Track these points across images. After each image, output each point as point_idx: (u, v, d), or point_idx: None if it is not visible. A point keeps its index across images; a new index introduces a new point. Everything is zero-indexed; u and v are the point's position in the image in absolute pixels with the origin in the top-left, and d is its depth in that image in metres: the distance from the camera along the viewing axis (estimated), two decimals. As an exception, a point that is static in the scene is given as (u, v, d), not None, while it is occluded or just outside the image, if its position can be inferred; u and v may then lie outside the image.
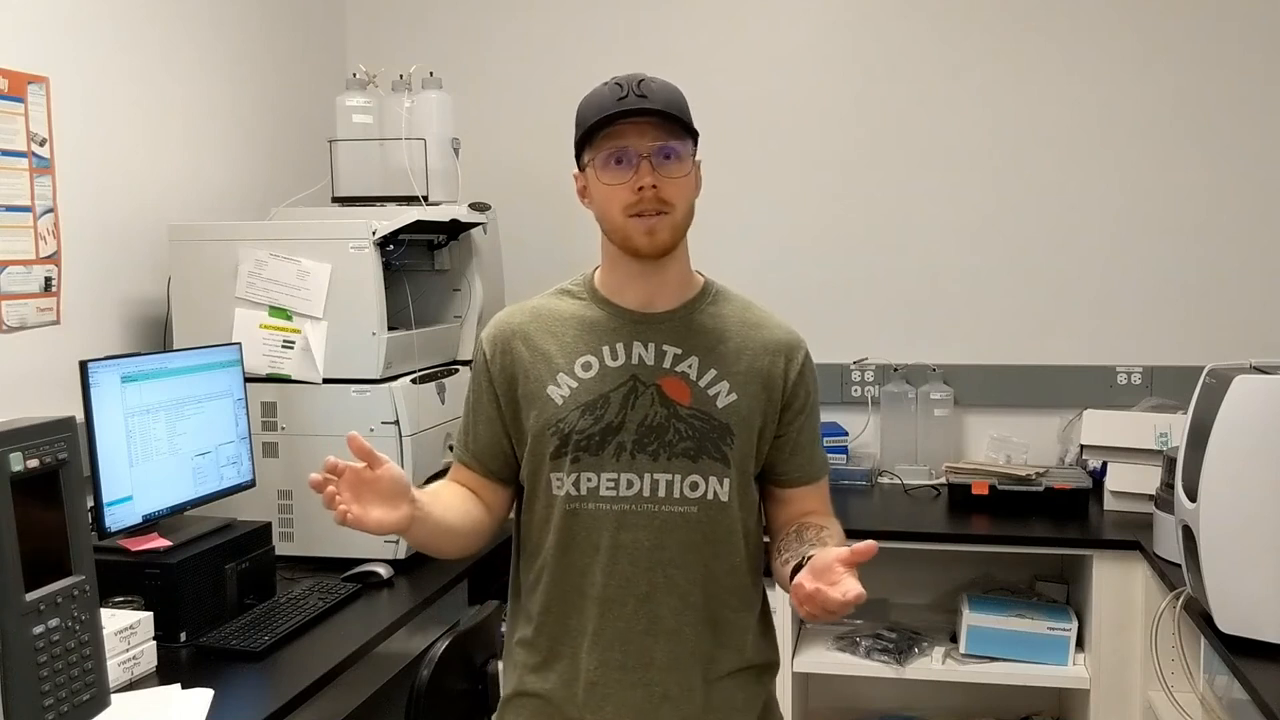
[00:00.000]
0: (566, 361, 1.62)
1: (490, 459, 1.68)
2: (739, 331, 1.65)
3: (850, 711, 3.32)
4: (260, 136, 3.12)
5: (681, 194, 1.56)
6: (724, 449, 1.59)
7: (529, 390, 1.62)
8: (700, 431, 1.58)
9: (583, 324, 1.64)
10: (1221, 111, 3.20)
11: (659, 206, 1.54)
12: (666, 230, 1.56)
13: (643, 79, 1.55)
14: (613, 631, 1.59)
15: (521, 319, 1.67)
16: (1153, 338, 3.26)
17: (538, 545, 1.64)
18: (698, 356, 1.61)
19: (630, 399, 1.59)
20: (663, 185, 1.53)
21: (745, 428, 1.61)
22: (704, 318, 1.65)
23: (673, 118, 1.54)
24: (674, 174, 1.54)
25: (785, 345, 1.66)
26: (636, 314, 1.63)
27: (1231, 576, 1.99)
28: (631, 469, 1.58)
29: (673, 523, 1.58)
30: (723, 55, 3.40)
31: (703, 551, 1.59)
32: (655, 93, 1.54)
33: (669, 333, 1.62)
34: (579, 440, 1.58)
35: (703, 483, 1.59)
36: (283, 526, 2.48)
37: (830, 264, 3.39)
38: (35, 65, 2.27)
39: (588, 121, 1.54)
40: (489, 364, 1.66)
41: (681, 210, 1.57)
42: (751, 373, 1.62)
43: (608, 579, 1.58)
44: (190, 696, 1.79)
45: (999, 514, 2.96)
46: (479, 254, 2.94)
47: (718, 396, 1.60)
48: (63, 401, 2.02)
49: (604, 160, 1.55)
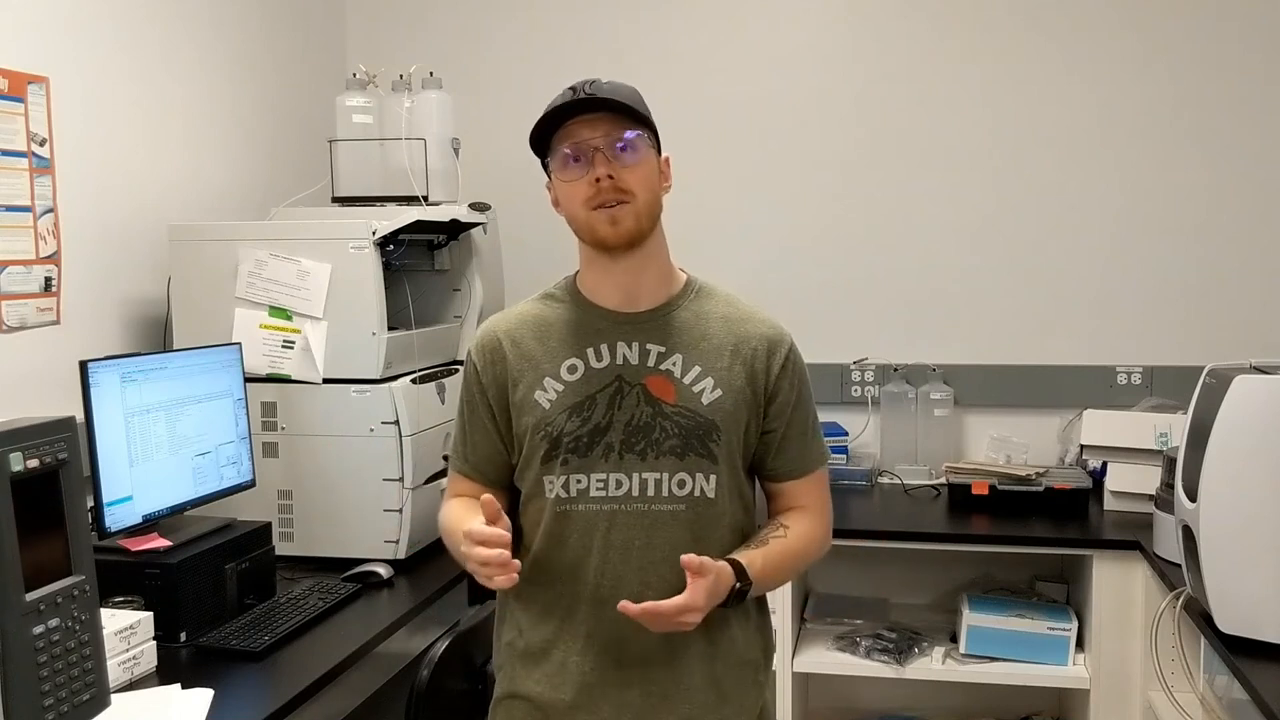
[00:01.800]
0: (553, 366, 1.63)
1: (490, 468, 1.69)
2: (722, 327, 1.65)
3: (850, 711, 3.32)
4: (260, 136, 3.12)
5: (640, 182, 1.57)
6: (710, 445, 1.60)
7: (520, 397, 1.63)
8: (686, 429, 1.59)
9: (567, 327, 1.65)
10: (1221, 111, 3.20)
11: (618, 196, 1.55)
12: (630, 218, 1.57)
13: (594, 80, 1.58)
14: (607, 632, 1.59)
15: (507, 326, 1.68)
16: (1153, 338, 3.26)
17: (529, 547, 1.65)
18: (681, 354, 1.62)
19: (616, 399, 1.60)
20: (620, 175, 1.55)
21: (731, 423, 1.61)
22: (687, 315, 1.65)
23: (623, 108, 1.55)
24: (629, 162, 1.55)
25: (768, 340, 1.66)
26: (619, 314, 1.64)
27: (1231, 576, 1.99)
28: (620, 469, 1.59)
29: (662, 521, 1.59)
30: (723, 55, 3.40)
31: (692, 549, 1.58)
32: (604, 88, 1.56)
33: (652, 331, 1.63)
34: (568, 443, 1.59)
35: (690, 480, 1.59)
36: (283, 526, 2.48)
37: (830, 264, 3.39)
38: (35, 65, 2.27)
39: (542, 126, 1.58)
40: (480, 375, 1.67)
41: (644, 198, 1.58)
42: (735, 369, 1.63)
43: (600, 579, 1.59)
44: (190, 696, 1.79)
45: (999, 514, 2.96)
46: (479, 254, 2.94)
47: (703, 394, 1.61)
48: (63, 401, 2.02)
49: (561, 160, 1.58)
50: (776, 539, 1.64)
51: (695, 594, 1.47)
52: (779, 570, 1.65)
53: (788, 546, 1.64)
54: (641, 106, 1.59)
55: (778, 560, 1.63)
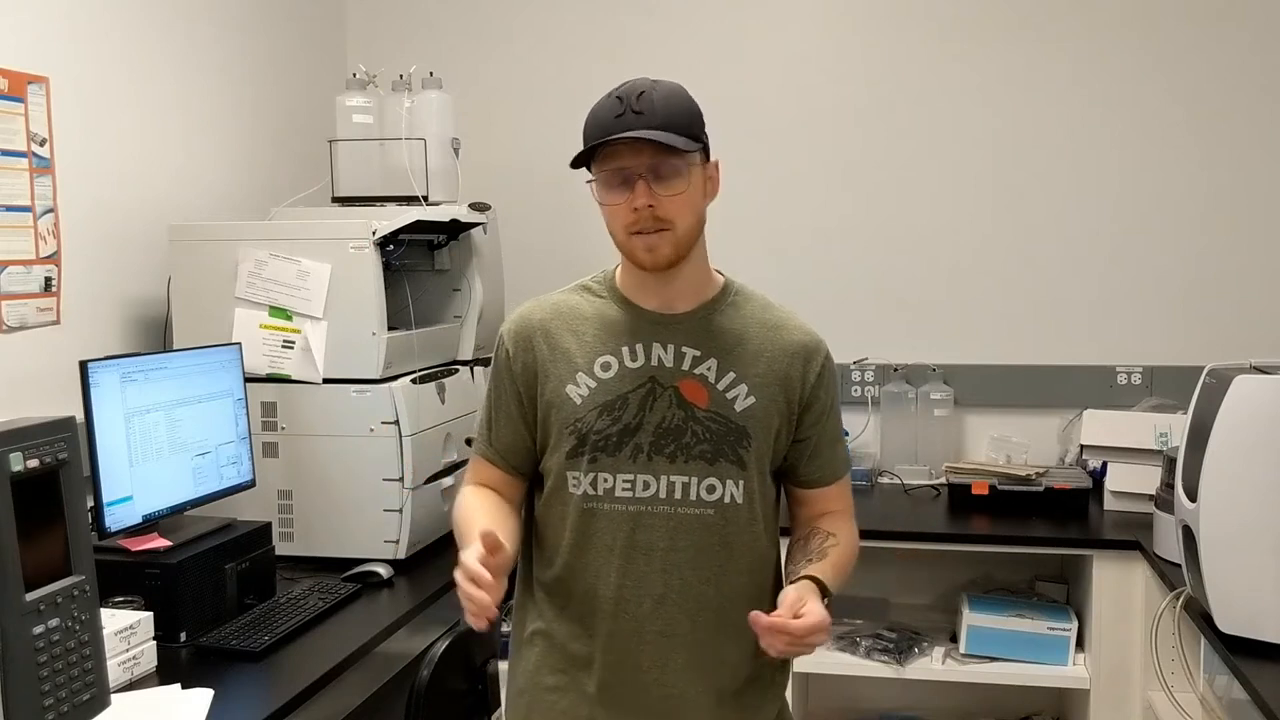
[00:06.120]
0: (586, 361, 1.61)
1: (513, 455, 1.68)
2: (758, 333, 1.63)
3: (850, 711, 3.32)
4: (260, 136, 3.12)
5: (681, 210, 1.54)
6: (740, 452, 1.59)
7: (549, 389, 1.62)
8: (717, 434, 1.58)
9: (603, 323, 1.63)
10: (1221, 112, 3.20)
11: (658, 224, 1.53)
12: (668, 246, 1.55)
13: (643, 91, 1.52)
14: (628, 632, 1.59)
15: (542, 315, 1.66)
16: (1153, 338, 3.26)
17: (555, 543, 1.64)
18: (716, 358, 1.61)
19: (649, 400, 1.59)
20: (660, 203, 1.52)
21: (762, 431, 1.60)
22: (723, 319, 1.64)
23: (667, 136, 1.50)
24: (671, 190, 1.52)
25: (804, 348, 1.65)
26: (655, 315, 1.63)
27: (1231, 576, 1.99)
28: (649, 470, 1.58)
29: (688, 525, 1.58)
30: (723, 55, 3.40)
31: (718, 554, 1.59)
32: (654, 106, 1.51)
33: (688, 334, 1.62)
34: (596, 440, 1.58)
35: (719, 485, 1.58)
36: (283, 526, 2.47)
37: (830, 264, 3.39)
38: (35, 65, 2.27)
39: (588, 139, 1.54)
40: (510, 362, 1.66)
41: (684, 225, 1.55)
42: (770, 376, 1.61)
43: (623, 579, 1.58)
44: (190, 696, 1.78)
45: (999, 514, 2.96)
46: (479, 254, 2.94)
47: (735, 400, 1.60)
48: (63, 401, 2.02)
49: (604, 181, 1.54)
50: (832, 548, 1.62)
51: (819, 618, 1.44)
52: (842, 578, 1.63)
53: (842, 554, 1.63)
54: (692, 120, 1.55)
55: (842, 569, 1.62)
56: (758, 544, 1.63)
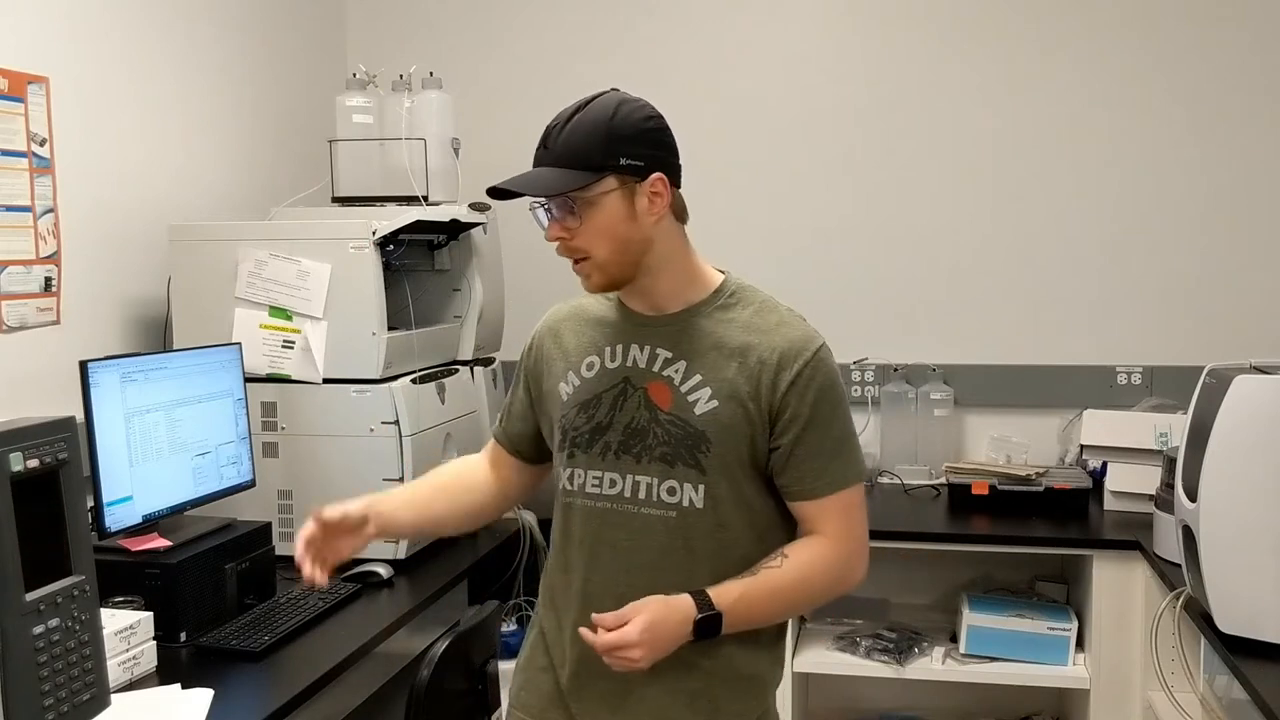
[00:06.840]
0: (576, 360, 1.67)
1: (518, 440, 1.78)
2: (739, 337, 1.59)
3: (850, 711, 3.32)
4: (260, 136, 3.12)
5: (594, 240, 1.54)
6: (698, 456, 1.56)
7: (547, 386, 1.70)
8: (675, 438, 1.57)
9: (600, 324, 1.68)
10: (1221, 112, 3.20)
11: (573, 254, 1.57)
12: (596, 274, 1.57)
13: (561, 124, 1.53)
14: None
15: (562, 315, 1.74)
16: (1153, 338, 3.26)
17: (552, 536, 1.72)
18: (686, 361, 1.59)
19: (620, 400, 1.61)
20: (573, 234, 1.54)
21: (727, 435, 1.56)
22: (708, 322, 1.61)
23: (548, 177, 1.52)
24: (571, 225, 1.54)
25: (781, 354, 1.56)
26: (642, 316, 1.64)
27: (1231, 576, 1.99)
28: (615, 469, 1.60)
29: (651, 526, 1.58)
30: (722, 55, 3.40)
31: (682, 557, 1.57)
32: (559, 140, 1.52)
33: (666, 336, 1.62)
34: (574, 436, 1.63)
35: (679, 488, 1.57)
36: (283, 526, 2.47)
37: (830, 264, 3.39)
38: (35, 65, 2.27)
39: None
40: (527, 356, 1.75)
41: (602, 254, 1.54)
42: (739, 380, 1.56)
43: (589, 574, 1.62)
44: (190, 696, 1.79)
45: (999, 514, 2.96)
46: (479, 254, 2.94)
47: (696, 404, 1.57)
48: (63, 401, 2.02)
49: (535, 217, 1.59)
50: (770, 569, 1.57)
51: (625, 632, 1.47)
52: (770, 602, 1.57)
53: (782, 577, 1.56)
54: (595, 150, 1.50)
55: (767, 592, 1.56)
56: (729, 550, 1.58)
